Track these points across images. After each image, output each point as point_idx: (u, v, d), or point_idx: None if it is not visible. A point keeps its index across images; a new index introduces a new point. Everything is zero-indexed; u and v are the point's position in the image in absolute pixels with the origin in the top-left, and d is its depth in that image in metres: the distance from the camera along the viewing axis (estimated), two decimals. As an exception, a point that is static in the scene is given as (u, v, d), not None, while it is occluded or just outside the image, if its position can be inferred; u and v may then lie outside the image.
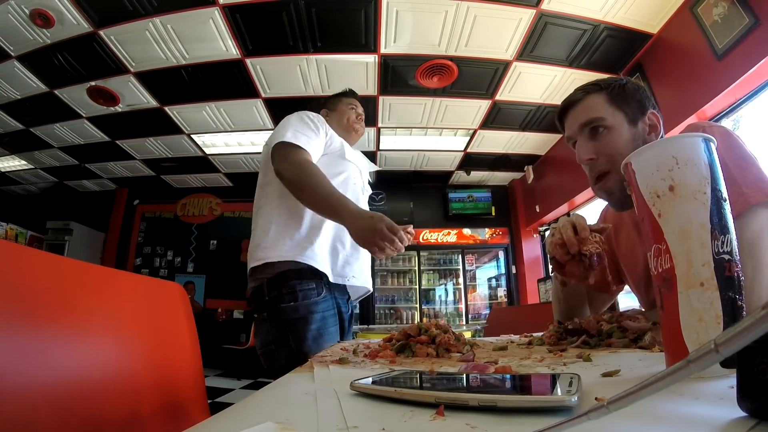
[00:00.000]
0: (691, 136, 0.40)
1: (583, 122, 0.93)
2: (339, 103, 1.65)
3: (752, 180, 0.74)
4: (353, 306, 1.45)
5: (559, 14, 3.34)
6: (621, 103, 0.91)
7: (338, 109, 1.63)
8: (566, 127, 1.00)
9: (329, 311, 1.24)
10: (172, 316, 1.18)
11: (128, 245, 7.01)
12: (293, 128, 1.28)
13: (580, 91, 0.97)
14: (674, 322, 0.38)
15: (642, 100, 0.93)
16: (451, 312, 6.96)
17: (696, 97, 3.23)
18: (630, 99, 0.92)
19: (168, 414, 0.96)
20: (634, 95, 0.93)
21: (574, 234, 0.81)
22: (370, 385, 0.35)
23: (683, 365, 0.19)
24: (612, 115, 0.91)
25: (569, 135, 0.99)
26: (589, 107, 0.93)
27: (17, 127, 5.07)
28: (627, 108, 0.91)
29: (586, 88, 0.96)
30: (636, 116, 0.92)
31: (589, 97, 0.94)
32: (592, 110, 0.92)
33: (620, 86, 0.93)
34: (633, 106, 0.92)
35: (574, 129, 0.95)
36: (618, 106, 0.91)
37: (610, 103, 0.92)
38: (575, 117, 0.95)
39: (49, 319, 0.71)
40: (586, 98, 0.94)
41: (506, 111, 4.82)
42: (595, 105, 0.92)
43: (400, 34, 3.62)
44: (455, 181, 7.02)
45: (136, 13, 3.35)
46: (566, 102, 0.98)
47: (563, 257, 0.83)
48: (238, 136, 5.39)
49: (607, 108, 0.91)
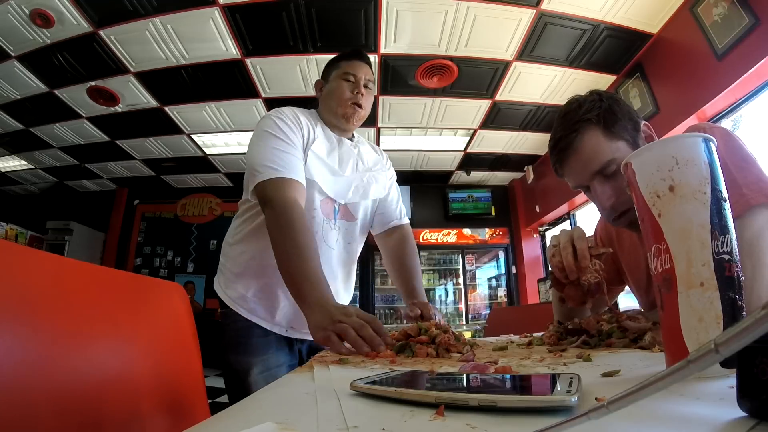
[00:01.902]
0: (691, 136, 0.40)
1: (595, 171, 0.87)
2: (332, 72, 1.26)
3: (753, 181, 0.74)
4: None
5: (559, 14, 3.34)
6: (619, 131, 0.86)
7: (329, 82, 1.25)
8: (571, 177, 0.92)
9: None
10: (172, 316, 1.18)
11: (128, 245, 7.00)
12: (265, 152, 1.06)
13: (571, 131, 0.88)
14: (674, 322, 0.38)
15: (631, 115, 0.89)
16: (451, 312, 6.96)
17: (696, 97, 3.23)
18: (623, 121, 0.87)
19: (168, 414, 0.96)
20: (624, 114, 0.88)
21: (574, 260, 0.80)
22: (370, 385, 0.35)
23: (683, 365, 0.19)
24: (617, 150, 0.85)
25: (579, 184, 0.92)
26: (594, 152, 0.86)
27: (17, 127, 5.07)
28: (626, 134, 0.87)
29: (575, 125, 0.87)
30: (635, 138, 0.88)
31: (585, 138, 0.86)
32: (599, 154, 0.85)
33: (608, 111, 0.87)
34: (629, 129, 0.87)
35: (585, 178, 0.89)
36: (618, 136, 0.86)
37: (610, 138, 0.86)
38: (583, 166, 0.88)
39: (49, 319, 0.71)
40: (583, 141, 0.87)
41: (506, 111, 4.82)
42: (599, 146, 0.86)
43: (400, 34, 3.61)
44: (455, 181, 7.01)
45: (136, 13, 3.35)
46: (562, 148, 0.90)
47: (563, 279, 0.84)
48: (238, 136, 5.39)
49: (609, 145, 0.85)
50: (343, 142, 1.26)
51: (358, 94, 1.21)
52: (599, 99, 0.89)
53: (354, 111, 1.21)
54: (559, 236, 0.86)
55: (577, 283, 0.82)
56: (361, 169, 1.28)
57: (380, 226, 1.41)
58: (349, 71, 1.22)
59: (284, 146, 1.07)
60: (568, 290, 0.84)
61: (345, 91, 1.20)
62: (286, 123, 1.12)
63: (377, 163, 1.35)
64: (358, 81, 1.21)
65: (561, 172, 0.95)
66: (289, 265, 0.93)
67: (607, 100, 0.89)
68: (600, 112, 0.86)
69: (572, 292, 0.83)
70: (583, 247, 0.81)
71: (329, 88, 1.24)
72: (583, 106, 0.89)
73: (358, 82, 1.21)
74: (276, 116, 1.14)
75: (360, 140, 1.37)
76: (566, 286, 0.84)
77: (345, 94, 1.20)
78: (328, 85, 1.25)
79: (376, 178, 1.31)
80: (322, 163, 1.17)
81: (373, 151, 1.39)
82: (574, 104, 0.91)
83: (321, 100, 1.27)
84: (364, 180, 1.27)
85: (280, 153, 1.06)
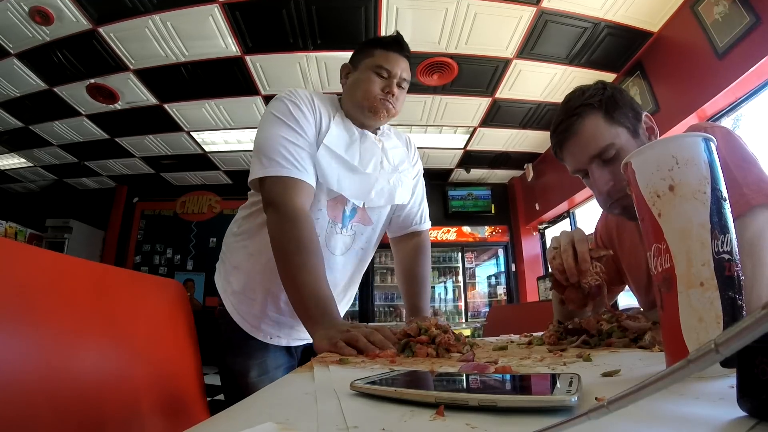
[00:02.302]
0: (691, 136, 0.40)
1: (593, 154, 0.87)
2: (363, 60, 1.09)
3: (753, 181, 0.74)
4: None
5: (559, 12, 3.34)
6: (620, 118, 0.87)
7: (358, 70, 1.09)
8: (570, 160, 0.93)
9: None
10: (172, 313, 1.18)
11: (128, 243, 7.01)
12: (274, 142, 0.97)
13: (572, 114, 0.88)
14: (674, 322, 0.38)
15: (633, 105, 0.90)
16: (450, 310, 6.97)
17: (696, 95, 3.23)
18: (625, 109, 0.88)
19: (167, 411, 0.96)
20: (626, 103, 0.89)
21: (575, 262, 0.81)
22: (370, 385, 0.35)
23: (683, 365, 0.19)
24: (617, 135, 0.86)
25: (577, 168, 0.92)
26: (594, 135, 0.86)
27: (17, 124, 5.06)
28: (626, 121, 0.87)
29: (577, 110, 0.88)
30: (636, 126, 0.88)
31: (586, 122, 0.87)
32: (599, 138, 0.86)
33: (610, 98, 0.87)
34: (630, 117, 0.88)
35: (583, 161, 0.89)
36: (618, 122, 0.87)
37: (610, 124, 0.86)
38: (582, 149, 0.88)
39: (48, 316, 0.71)
40: (584, 124, 0.87)
41: (506, 109, 4.82)
42: (598, 130, 0.86)
43: (401, 32, 3.59)
44: (455, 178, 7.02)
45: (136, 10, 3.34)
46: (562, 131, 0.90)
47: (563, 281, 0.84)
48: (238, 134, 5.37)
49: (609, 130, 0.86)
50: (366, 136, 1.11)
51: (389, 93, 1.05)
52: (603, 87, 0.90)
53: (383, 106, 1.06)
54: (559, 238, 0.86)
55: (578, 286, 0.82)
56: (387, 168, 1.13)
57: (398, 229, 1.28)
58: (384, 65, 1.05)
59: (295, 137, 0.98)
60: (568, 293, 0.84)
61: (374, 87, 1.04)
62: (299, 108, 1.01)
63: (403, 161, 1.20)
64: (391, 78, 1.05)
65: (561, 155, 0.95)
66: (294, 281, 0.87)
67: (611, 89, 0.90)
68: (602, 98, 0.87)
69: (573, 294, 0.84)
70: (584, 249, 0.81)
71: (356, 78, 1.08)
72: (586, 92, 0.90)
73: (392, 80, 1.05)
74: (289, 99, 1.02)
75: (385, 133, 1.20)
76: (567, 289, 0.85)
77: (374, 90, 1.04)
78: (356, 73, 1.09)
79: (402, 180, 1.17)
80: (337, 159, 1.04)
81: (400, 144, 1.23)
82: (578, 91, 0.92)
83: (345, 89, 1.12)
84: (390, 182, 1.13)
85: (290, 144, 0.96)
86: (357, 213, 1.12)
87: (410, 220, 1.27)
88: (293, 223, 0.91)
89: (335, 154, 1.03)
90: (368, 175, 1.09)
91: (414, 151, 1.29)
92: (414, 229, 1.27)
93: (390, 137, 1.21)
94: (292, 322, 1.09)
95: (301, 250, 0.88)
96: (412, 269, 1.23)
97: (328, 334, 0.72)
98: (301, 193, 0.96)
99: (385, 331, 0.71)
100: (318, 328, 0.77)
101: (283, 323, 1.10)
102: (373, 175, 1.10)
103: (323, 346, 0.70)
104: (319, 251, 0.92)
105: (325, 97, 1.12)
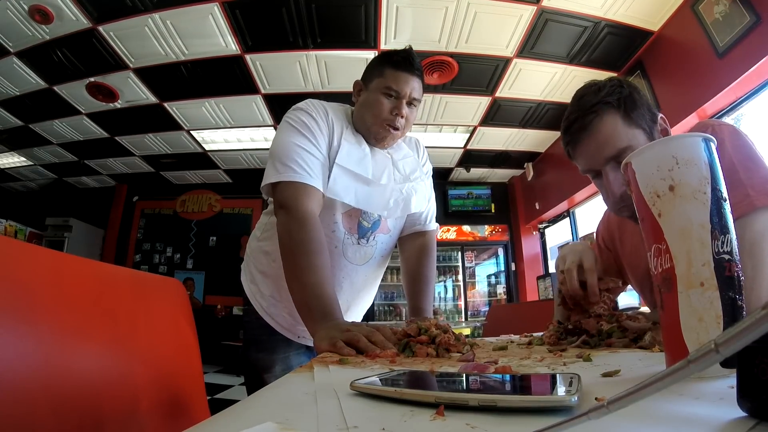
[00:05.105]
0: (691, 136, 0.40)
1: (610, 156, 0.83)
2: (373, 79, 1.10)
3: (759, 182, 0.74)
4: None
5: (559, 11, 3.33)
6: (638, 119, 0.83)
7: (369, 90, 1.11)
8: (583, 160, 0.88)
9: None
10: (172, 312, 1.18)
11: (128, 242, 7.01)
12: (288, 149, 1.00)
13: (588, 112, 0.84)
14: (674, 322, 0.38)
15: (650, 107, 0.85)
16: (450, 309, 6.98)
17: (697, 95, 3.23)
18: (642, 110, 0.84)
19: (167, 410, 0.96)
20: (644, 103, 0.85)
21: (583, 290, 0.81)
22: (370, 385, 0.35)
23: (683, 365, 0.19)
24: (634, 137, 0.82)
25: (590, 168, 0.88)
26: (611, 136, 0.82)
27: (16, 123, 5.06)
28: (643, 122, 0.83)
29: (594, 107, 0.83)
30: (651, 128, 0.85)
31: (604, 121, 0.83)
32: (616, 139, 0.82)
33: (629, 98, 0.83)
34: (647, 119, 0.84)
35: (598, 162, 0.85)
36: (636, 123, 0.83)
37: (629, 125, 0.82)
38: (598, 149, 0.84)
39: (48, 315, 0.71)
40: (601, 123, 0.83)
41: (506, 108, 4.81)
42: (616, 131, 0.82)
43: (401, 30, 3.60)
44: (455, 177, 7.02)
45: (135, 8, 3.34)
46: (577, 129, 0.86)
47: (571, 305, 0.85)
48: (238, 133, 5.37)
49: (627, 131, 0.82)
50: (375, 150, 1.15)
51: (397, 115, 1.07)
52: (620, 85, 0.85)
53: (388, 133, 1.09)
54: (566, 256, 0.85)
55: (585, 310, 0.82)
56: (399, 179, 1.16)
57: (404, 228, 1.30)
58: (392, 86, 1.06)
59: (308, 145, 1.01)
60: (575, 316, 0.84)
61: (383, 110, 1.06)
62: (314, 119, 1.04)
63: (415, 170, 1.21)
64: (400, 99, 1.07)
65: (573, 155, 0.91)
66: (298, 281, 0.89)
67: (628, 87, 0.86)
68: (621, 97, 0.83)
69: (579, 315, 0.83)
70: (593, 282, 0.80)
71: (366, 99, 1.10)
72: (603, 89, 0.85)
73: (401, 101, 1.07)
74: (305, 109, 1.06)
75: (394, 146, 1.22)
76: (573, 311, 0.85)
77: (382, 113, 1.07)
78: (366, 93, 1.11)
79: (416, 189, 1.19)
80: (351, 175, 1.06)
81: (410, 152, 1.25)
82: (593, 87, 0.87)
83: (357, 107, 1.15)
84: (403, 192, 1.15)
85: (303, 152, 1.00)
86: (380, 224, 1.17)
87: (417, 219, 1.29)
88: (301, 225, 0.93)
89: (348, 171, 1.06)
90: (383, 186, 1.11)
91: (423, 153, 1.32)
92: (420, 228, 1.30)
93: (400, 147, 1.23)
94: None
95: (307, 252, 0.90)
96: (416, 269, 1.26)
97: (329, 334, 0.73)
98: (312, 198, 0.98)
99: (385, 331, 0.72)
100: (318, 328, 0.79)
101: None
102: (388, 185, 1.12)
103: (323, 346, 0.71)
104: (326, 254, 0.93)
105: (338, 109, 1.16)
